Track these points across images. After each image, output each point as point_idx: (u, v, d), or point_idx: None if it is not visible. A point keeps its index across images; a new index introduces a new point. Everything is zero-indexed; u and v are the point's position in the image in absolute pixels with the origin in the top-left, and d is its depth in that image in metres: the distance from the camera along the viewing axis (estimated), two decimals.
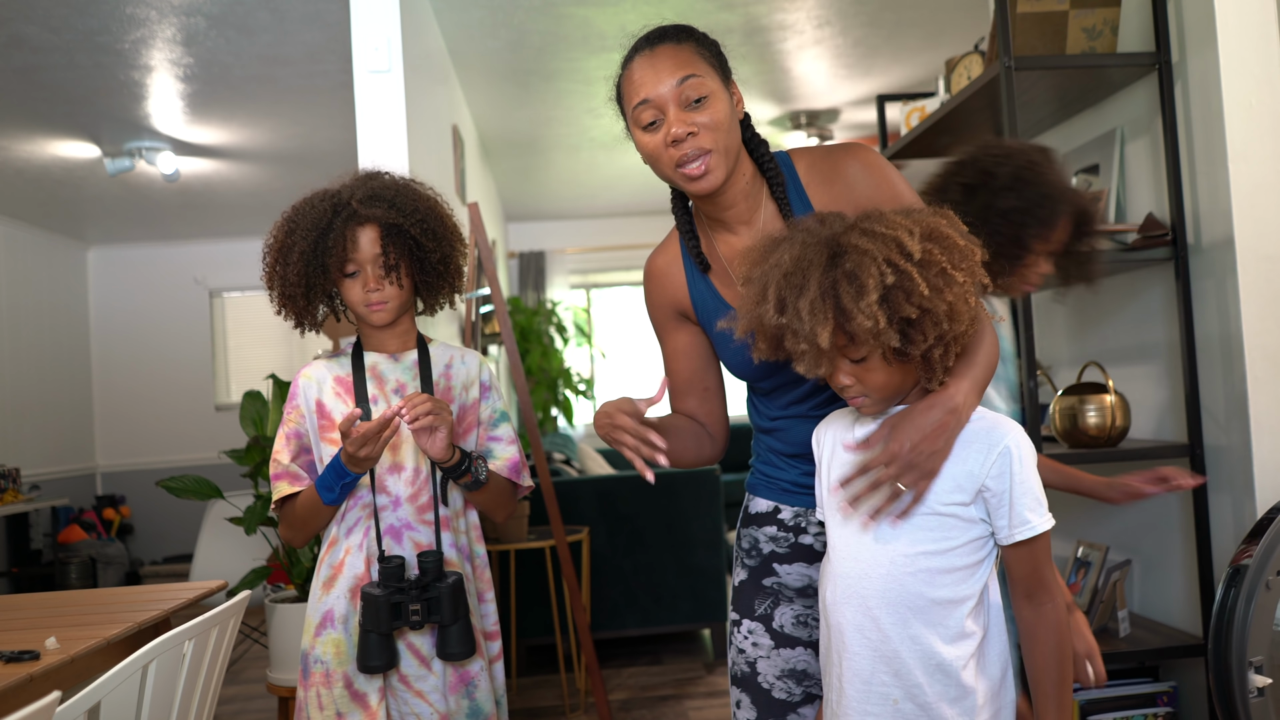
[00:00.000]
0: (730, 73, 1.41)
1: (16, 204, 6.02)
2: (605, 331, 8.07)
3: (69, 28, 3.58)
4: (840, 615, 1.26)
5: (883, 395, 1.22)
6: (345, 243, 1.62)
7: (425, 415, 1.56)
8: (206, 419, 7.27)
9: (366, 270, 1.65)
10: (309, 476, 1.71)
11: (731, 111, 1.36)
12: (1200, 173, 2.22)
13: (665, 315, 1.55)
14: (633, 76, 1.37)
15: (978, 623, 1.23)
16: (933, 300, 1.13)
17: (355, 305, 1.68)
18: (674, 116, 1.33)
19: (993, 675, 1.25)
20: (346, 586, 1.66)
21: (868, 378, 1.20)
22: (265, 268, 1.68)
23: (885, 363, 1.18)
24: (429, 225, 1.68)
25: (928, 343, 1.15)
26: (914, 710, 1.22)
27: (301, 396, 1.73)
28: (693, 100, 1.33)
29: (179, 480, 3.15)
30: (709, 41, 1.40)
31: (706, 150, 1.33)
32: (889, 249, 1.14)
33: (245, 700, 4.03)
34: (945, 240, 1.16)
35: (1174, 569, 2.39)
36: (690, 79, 1.33)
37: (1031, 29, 2.31)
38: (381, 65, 2.82)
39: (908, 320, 1.13)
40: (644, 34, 1.40)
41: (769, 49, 4.43)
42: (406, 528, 1.67)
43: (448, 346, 1.80)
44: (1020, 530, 1.21)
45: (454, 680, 1.67)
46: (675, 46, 1.36)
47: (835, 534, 1.29)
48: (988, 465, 1.21)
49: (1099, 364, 2.39)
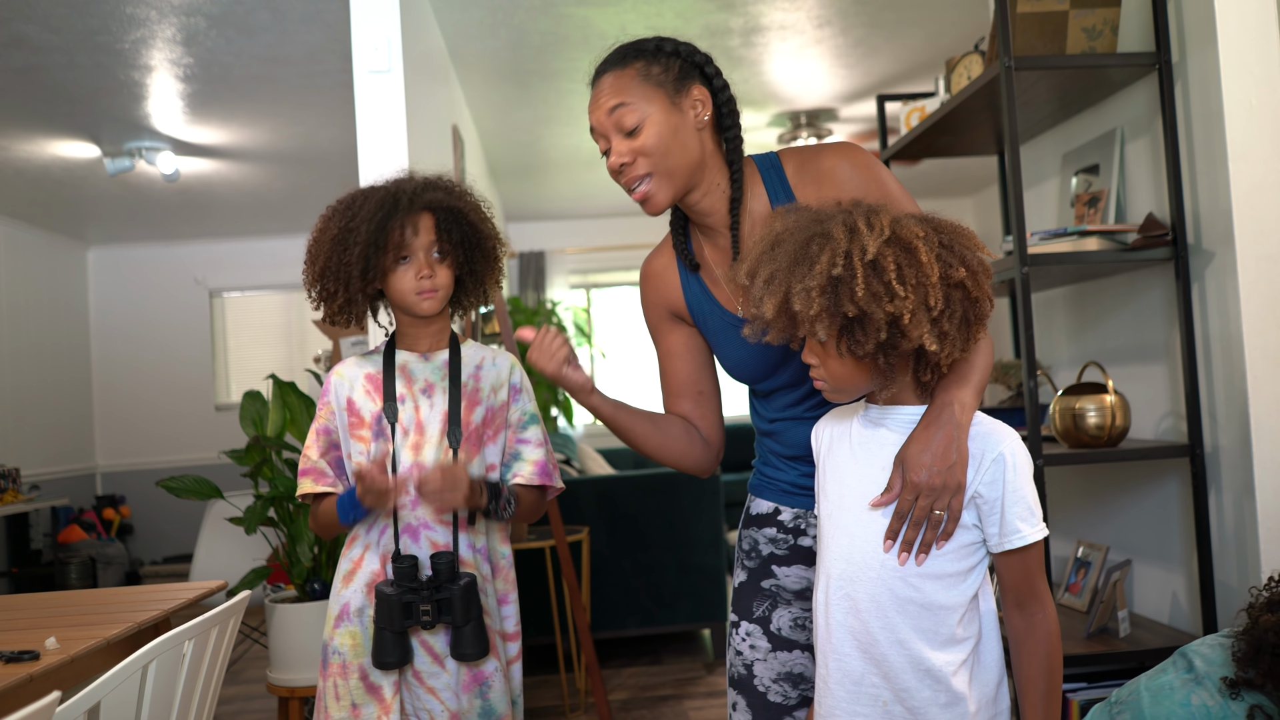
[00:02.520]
0: (692, 79, 1.39)
1: (16, 204, 6.02)
2: (605, 331, 8.07)
3: (69, 28, 3.58)
4: (831, 615, 1.25)
5: (837, 384, 1.23)
6: (405, 228, 1.65)
7: (436, 493, 1.58)
8: (206, 419, 7.27)
9: (420, 257, 1.67)
10: (334, 474, 1.72)
11: (673, 130, 1.36)
12: (1200, 173, 2.22)
13: (660, 316, 1.56)
14: (589, 104, 1.42)
15: (969, 629, 1.22)
16: (869, 305, 1.12)
17: (404, 294, 1.68)
18: (615, 145, 1.38)
19: (987, 682, 1.24)
20: (364, 582, 1.68)
21: (828, 362, 1.21)
22: (318, 257, 1.67)
23: (839, 354, 1.18)
24: (481, 213, 1.74)
25: (867, 346, 1.14)
26: (904, 713, 1.21)
27: (333, 394, 1.75)
28: (626, 129, 1.35)
29: (179, 480, 3.15)
30: (662, 55, 1.39)
31: (644, 175, 1.37)
32: (853, 243, 1.14)
33: (245, 700, 4.03)
34: (910, 253, 1.14)
35: (1174, 569, 2.39)
36: (619, 109, 1.36)
37: (1031, 29, 2.31)
38: (381, 65, 2.82)
39: (850, 318, 1.14)
40: (600, 58, 1.42)
41: (769, 49, 4.43)
42: (424, 527, 1.68)
43: (480, 347, 1.81)
44: (1011, 539, 1.20)
45: (467, 679, 1.68)
46: (616, 74, 1.39)
47: (828, 535, 1.29)
48: (981, 472, 1.21)
49: (1099, 364, 2.39)
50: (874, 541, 1.23)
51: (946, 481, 1.19)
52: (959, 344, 1.17)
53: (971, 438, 1.22)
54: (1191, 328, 2.22)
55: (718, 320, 1.48)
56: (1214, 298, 2.20)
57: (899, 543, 1.21)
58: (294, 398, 3.18)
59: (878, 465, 1.25)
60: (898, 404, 1.26)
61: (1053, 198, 2.84)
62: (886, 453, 1.25)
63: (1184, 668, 1.66)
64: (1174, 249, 2.23)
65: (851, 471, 1.28)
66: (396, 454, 1.69)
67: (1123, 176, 2.50)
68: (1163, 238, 2.22)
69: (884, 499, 1.23)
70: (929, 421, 1.21)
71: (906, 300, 1.12)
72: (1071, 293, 2.79)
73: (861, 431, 1.28)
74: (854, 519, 1.25)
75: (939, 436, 1.19)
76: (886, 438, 1.26)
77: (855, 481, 1.26)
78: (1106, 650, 2.22)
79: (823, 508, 1.31)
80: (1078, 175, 2.64)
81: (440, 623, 1.64)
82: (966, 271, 1.16)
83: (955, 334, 1.16)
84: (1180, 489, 2.34)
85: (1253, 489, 2.09)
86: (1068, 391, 2.34)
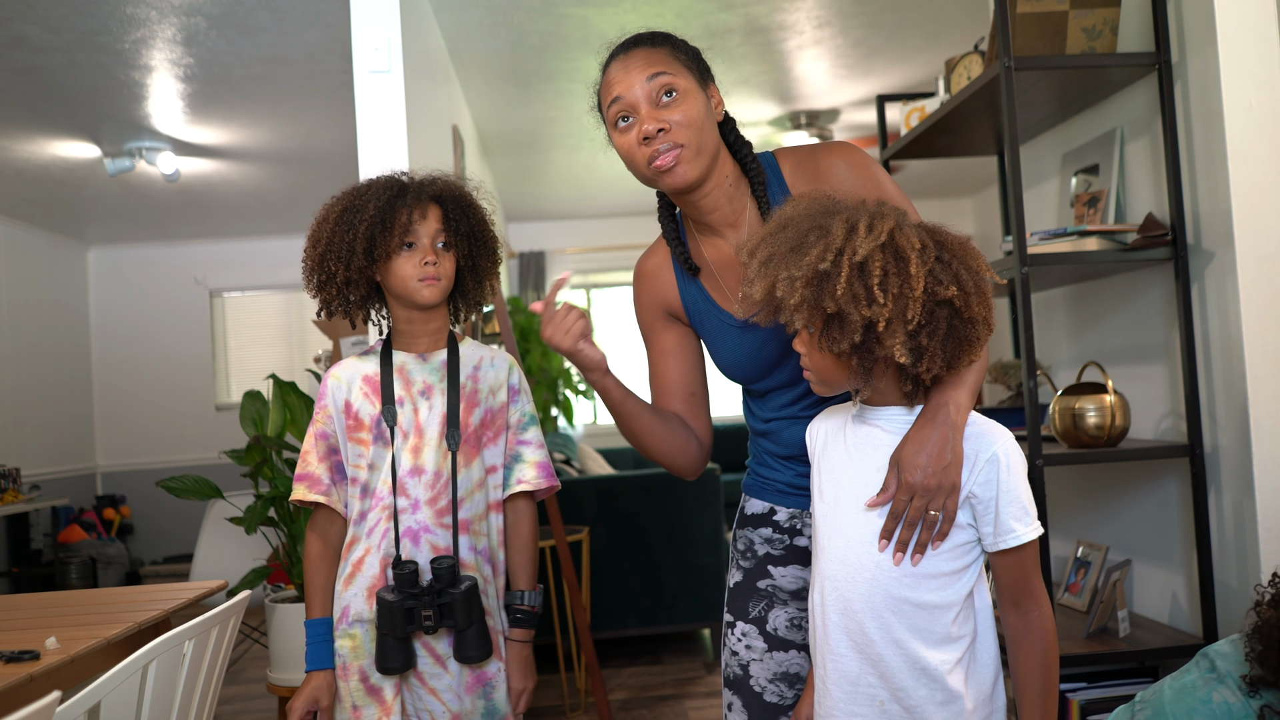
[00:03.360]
0: (710, 77, 1.42)
1: (16, 204, 6.02)
2: (605, 331, 8.07)
3: (69, 28, 3.58)
4: (826, 616, 1.26)
5: (821, 377, 1.23)
6: (413, 212, 1.66)
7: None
8: (206, 419, 7.27)
9: (424, 243, 1.67)
10: (329, 480, 1.71)
11: (707, 111, 1.37)
12: (1200, 173, 2.22)
13: (654, 315, 1.55)
14: (608, 79, 1.39)
15: (964, 627, 1.23)
16: (847, 305, 1.13)
17: (406, 281, 1.67)
18: (645, 114, 1.35)
19: (983, 680, 1.24)
20: (364, 585, 1.67)
21: (811, 354, 1.22)
22: (319, 240, 1.67)
23: (818, 345, 1.19)
24: (481, 212, 1.76)
25: (843, 345, 1.15)
26: (900, 712, 1.21)
27: (330, 397, 1.74)
28: (664, 98, 1.34)
29: (179, 480, 3.15)
30: (686, 47, 1.41)
31: (679, 145, 1.34)
32: (846, 240, 1.15)
33: (245, 700, 4.03)
34: (900, 262, 1.14)
35: (1174, 569, 2.39)
36: (660, 75, 1.35)
37: (1031, 29, 2.31)
38: (381, 65, 2.82)
39: (830, 314, 1.14)
40: (620, 40, 1.42)
41: (769, 49, 4.43)
42: (425, 530, 1.67)
43: (479, 347, 1.80)
44: (1005, 539, 1.21)
45: (470, 681, 1.68)
46: (649, 49, 1.38)
47: (823, 535, 1.29)
48: (975, 472, 1.21)
49: (1099, 364, 2.39)
50: (869, 542, 1.23)
51: (941, 482, 1.19)
52: (941, 361, 1.16)
53: (966, 438, 1.22)
54: (1191, 328, 2.22)
55: (715, 320, 1.48)
56: (1214, 298, 2.20)
57: (894, 543, 1.22)
58: (294, 398, 3.18)
59: (872, 466, 1.25)
60: (885, 405, 1.26)
61: (1053, 198, 2.84)
62: (881, 453, 1.25)
63: (1206, 667, 1.66)
64: (1174, 249, 2.23)
65: (846, 472, 1.28)
66: (396, 457, 1.69)
67: (1123, 176, 2.50)
68: (1163, 238, 2.22)
69: (879, 499, 1.23)
70: (924, 422, 1.21)
71: (884, 308, 1.12)
72: (1071, 293, 2.79)
73: (855, 431, 1.28)
74: (849, 519, 1.25)
75: (934, 437, 1.20)
76: (880, 438, 1.26)
77: (850, 482, 1.27)
78: (1106, 650, 2.22)
79: (818, 508, 1.31)
80: (1078, 175, 2.64)
81: (442, 627, 1.64)
82: (957, 290, 1.15)
83: (937, 351, 1.15)
84: (1180, 489, 2.34)
85: (1253, 489, 2.09)
86: (1067, 391, 2.34)
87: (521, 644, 1.73)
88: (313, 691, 1.66)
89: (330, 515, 1.72)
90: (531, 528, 1.79)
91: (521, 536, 1.78)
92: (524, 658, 1.73)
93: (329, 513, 1.72)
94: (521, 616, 1.74)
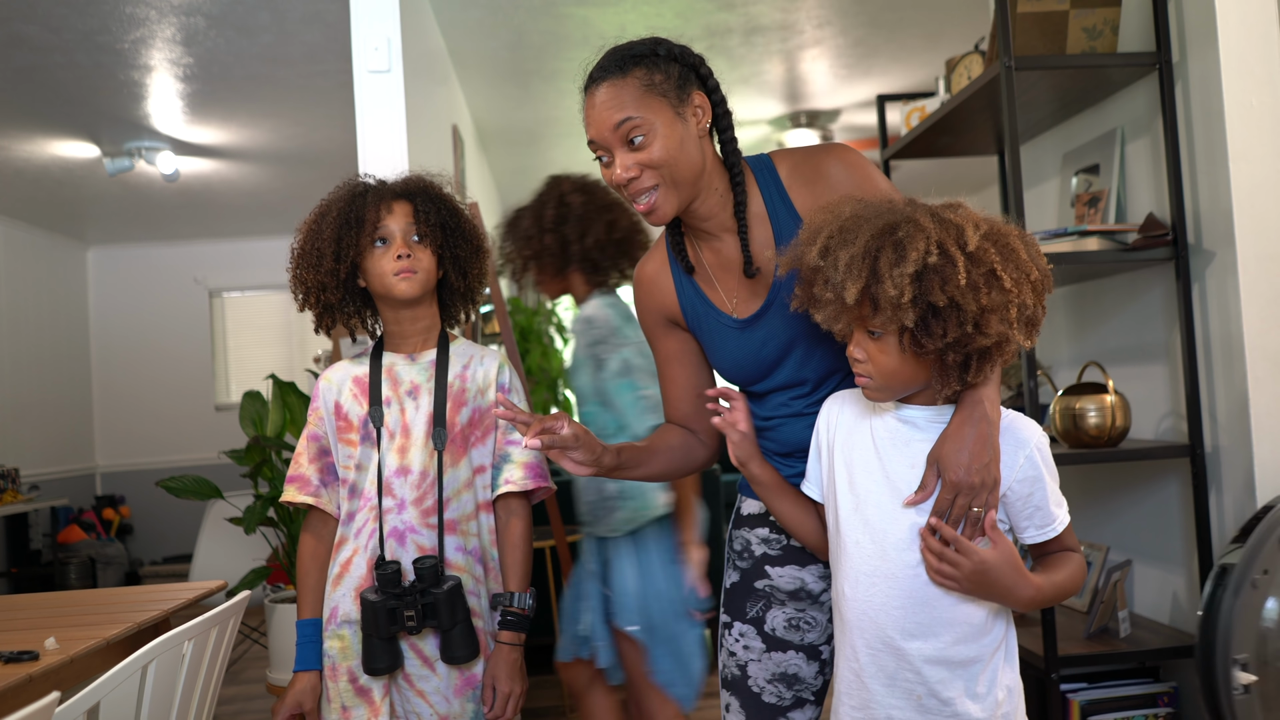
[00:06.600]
0: (692, 84, 1.37)
1: (16, 204, 6.02)
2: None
3: (69, 28, 3.58)
4: (862, 612, 1.25)
5: (886, 382, 1.21)
6: (379, 210, 1.67)
7: None
8: (206, 419, 7.27)
9: (397, 239, 1.67)
10: (319, 482, 1.72)
11: (682, 138, 1.34)
12: (1200, 173, 2.22)
13: (655, 321, 1.55)
14: (584, 112, 1.39)
15: (999, 618, 1.24)
16: (965, 295, 1.12)
17: (383, 277, 1.67)
18: (619, 159, 1.35)
19: (1016, 674, 1.26)
20: (351, 586, 1.68)
21: (879, 358, 1.19)
22: (295, 248, 1.70)
23: (900, 348, 1.17)
24: (453, 203, 1.76)
25: (945, 339, 1.14)
26: (937, 705, 1.22)
27: (321, 399, 1.76)
28: (633, 143, 1.33)
29: (179, 480, 3.15)
30: (663, 62, 1.35)
31: (651, 187, 1.34)
32: (946, 233, 1.14)
33: (245, 700, 4.03)
34: (1007, 248, 1.15)
35: (1174, 569, 2.39)
36: (625, 123, 1.33)
37: (1032, 29, 2.30)
38: (381, 65, 2.82)
39: (934, 307, 1.13)
40: (593, 65, 1.39)
41: (769, 49, 4.43)
42: (410, 531, 1.67)
43: (470, 345, 1.80)
44: (1052, 526, 1.23)
45: (459, 683, 1.67)
46: (616, 84, 1.34)
47: (852, 532, 1.27)
48: (1014, 468, 1.21)
49: (1099, 364, 2.39)
50: (904, 539, 1.22)
51: (984, 479, 1.19)
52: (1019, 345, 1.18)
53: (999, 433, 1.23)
54: (1192, 328, 2.22)
55: (712, 322, 1.48)
56: (1214, 298, 2.20)
57: (938, 546, 1.21)
58: (294, 398, 3.18)
59: (906, 463, 1.24)
60: (914, 404, 1.26)
61: (1053, 198, 2.84)
62: (914, 450, 1.24)
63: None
64: (1174, 249, 2.23)
65: (876, 469, 1.26)
66: (382, 458, 1.69)
67: (1123, 176, 2.50)
68: (1163, 238, 2.22)
69: (918, 497, 1.22)
70: (962, 420, 1.21)
71: (1008, 294, 1.13)
72: (1071, 293, 2.79)
73: (882, 425, 1.27)
74: (882, 515, 1.24)
75: (973, 434, 1.19)
76: (913, 435, 1.25)
77: (881, 479, 1.25)
78: (1107, 650, 2.22)
79: (844, 500, 1.28)
80: (1078, 175, 2.64)
81: (426, 627, 1.63)
82: (1039, 273, 1.17)
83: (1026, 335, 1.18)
84: (1180, 489, 2.34)
85: (1253, 489, 2.09)
86: (1068, 391, 2.34)
87: (510, 646, 1.69)
88: (296, 695, 1.66)
89: (323, 516, 1.73)
90: (523, 528, 1.76)
91: (512, 537, 1.76)
92: (512, 661, 1.68)
93: (321, 514, 1.73)
94: (511, 619, 1.70)
